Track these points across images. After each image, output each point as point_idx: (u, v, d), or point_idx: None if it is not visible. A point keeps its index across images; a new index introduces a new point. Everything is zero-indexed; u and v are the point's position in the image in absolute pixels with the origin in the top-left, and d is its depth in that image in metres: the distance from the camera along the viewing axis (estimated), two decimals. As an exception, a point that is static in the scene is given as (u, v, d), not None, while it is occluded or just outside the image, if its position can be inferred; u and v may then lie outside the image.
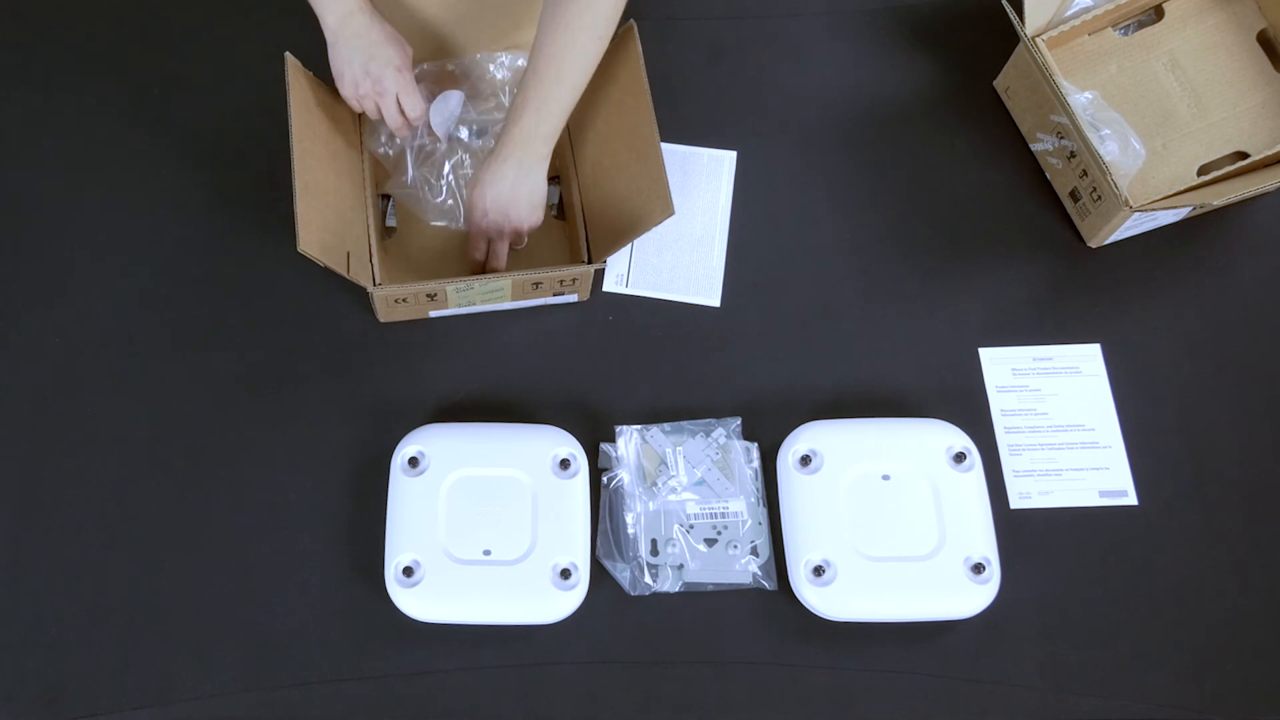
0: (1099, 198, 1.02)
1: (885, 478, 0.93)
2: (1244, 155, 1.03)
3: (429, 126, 1.02)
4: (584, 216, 1.03)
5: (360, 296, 1.01)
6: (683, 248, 1.06)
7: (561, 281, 0.97)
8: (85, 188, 1.05)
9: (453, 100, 1.03)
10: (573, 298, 1.01)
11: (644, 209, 0.93)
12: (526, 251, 1.03)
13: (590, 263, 0.99)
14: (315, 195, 0.91)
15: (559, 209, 1.05)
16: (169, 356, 0.99)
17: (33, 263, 1.02)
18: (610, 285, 1.04)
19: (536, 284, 0.97)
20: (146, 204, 1.05)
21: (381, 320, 1.00)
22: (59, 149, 1.06)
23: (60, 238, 1.03)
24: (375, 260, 0.98)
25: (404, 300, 0.96)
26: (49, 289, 1.01)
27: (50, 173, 1.06)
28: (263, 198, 1.03)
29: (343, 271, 0.90)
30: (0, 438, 0.96)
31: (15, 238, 1.03)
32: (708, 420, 0.97)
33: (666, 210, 0.90)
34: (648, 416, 0.97)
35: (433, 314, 1.00)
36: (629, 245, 1.04)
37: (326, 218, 0.92)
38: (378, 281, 0.97)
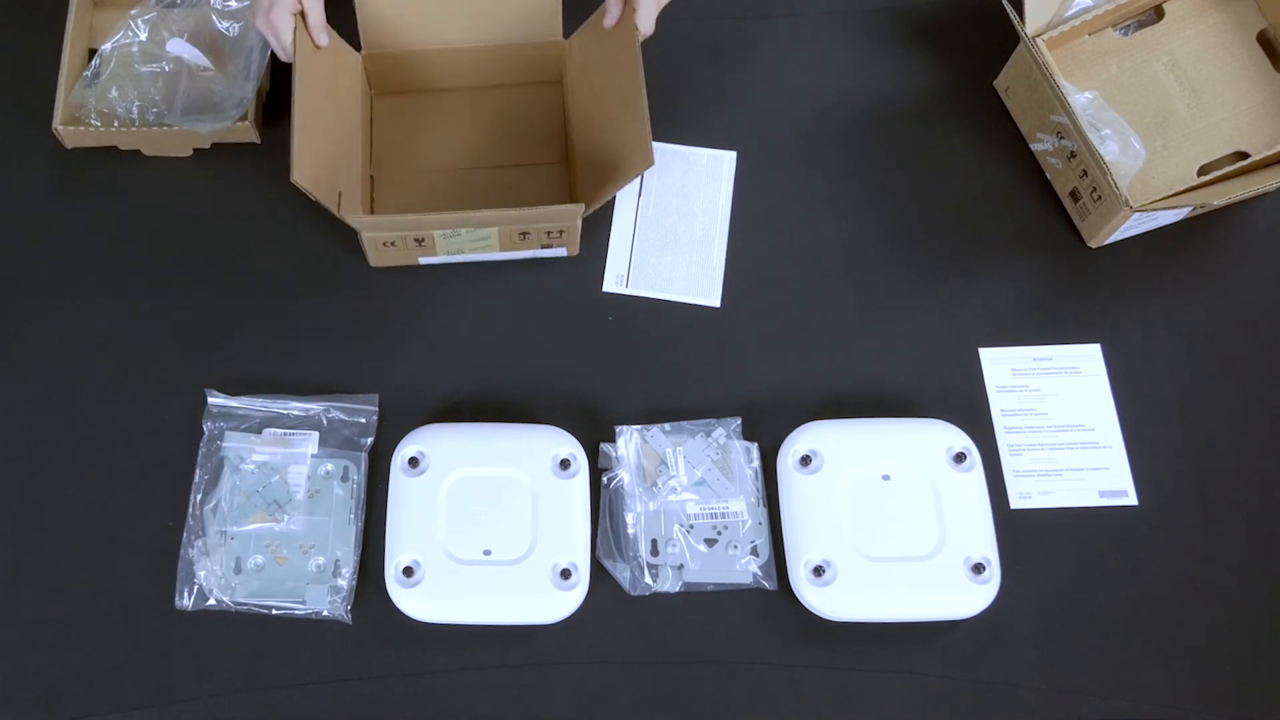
0: (1099, 198, 1.02)
1: (885, 478, 0.93)
2: (1244, 155, 1.03)
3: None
4: (575, 170, 1.04)
5: (361, 298, 1.01)
6: (683, 248, 1.06)
7: (549, 233, 0.98)
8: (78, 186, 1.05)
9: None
10: (561, 251, 1.02)
11: (628, 160, 0.94)
12: (522, 206, 1.03)
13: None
14: (313, 134, 0.92)
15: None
16: (169, 356, 0.99)
17: (29, 256, 1.02)
18: (610, 285, 1.04)
19: (524, 234, 0.98)
20: (141, 201, 1.05)
21: (372, 264, 1.01)
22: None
23: (56, 232, 1.03)
24: (371, 206, 0.98)
25: (393, 244, 0.97)
26: (48, 287, 1.01)
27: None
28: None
29: (334, 209, 0.90)
30: (0, 437, 0.96)
31: (12, 235, 1.03)
32: (708, 420, 0.97)
33: (647, 160, 0.91)
34: (648, 416, 0.97)
35: (422, 260, 1.01)
36: (631, 242, 1.05)
37: (320, 156, 0.93)
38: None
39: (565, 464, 0.92)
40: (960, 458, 0.93)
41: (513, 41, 1.05)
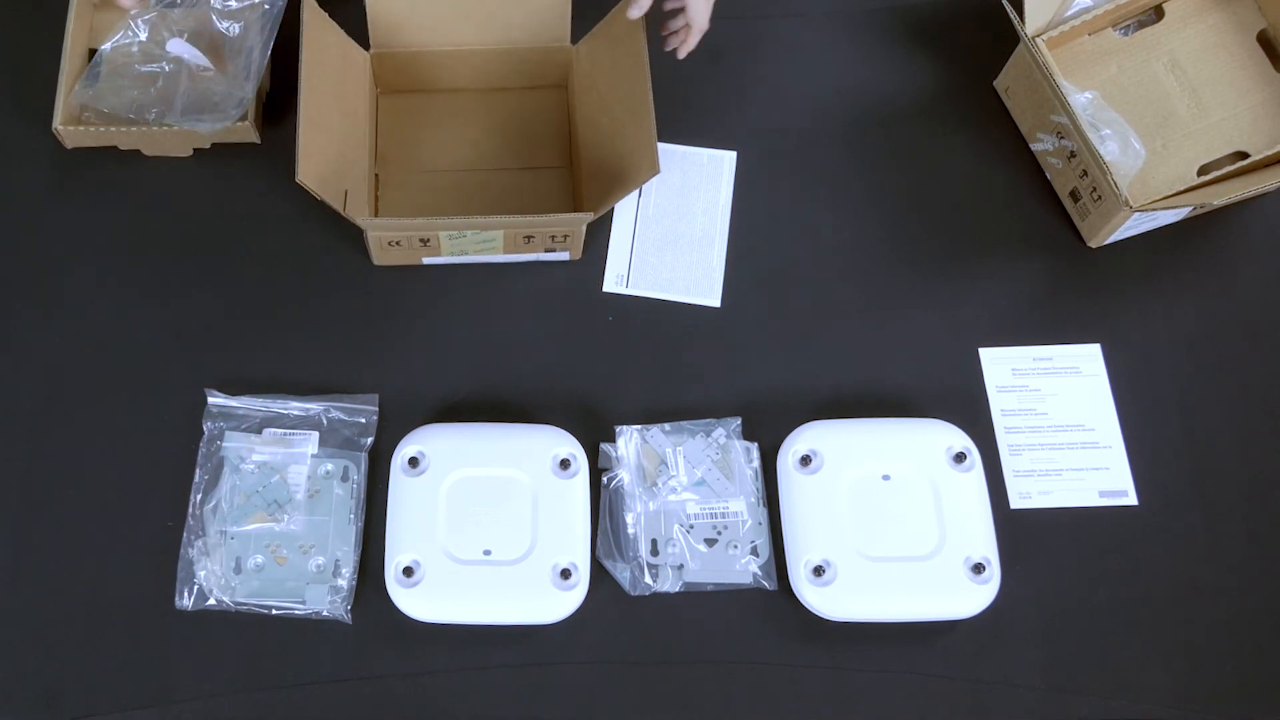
0: (1099, 198, 1.02)
1: (885, 478, 0.93)
2: (1244, 155, 1.03)
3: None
4: (581, 175, 1.04)
5: (360, 298, 1.01)
6: (683, 248, 1.06)
7: (553, 237, 0.98)
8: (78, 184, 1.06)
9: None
10: (564, 255, 1.02)
11: (634, 167, 0.94)
12: (526, 209, 1.03)
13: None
14: (319, 132, 0.92)
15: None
16: (169, 356, 0.99)
17: (29, 256, 1.02)
18: (610, 285, 1.04)
19: (528, 237, 0.98)
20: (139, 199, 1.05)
21: (376, 263, 1.01)
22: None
23: (56, 232, 1.03)
24: (375, 205, 0.98)
25: (397, 243, 0.97)
26: (48, 287, 1.01)
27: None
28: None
29: (340, 208, 0.90)
30: (0, 437, 0.96)
31: (12, 235, 1.03)
32: (708, 420, 0.97)
33: (653, 168, 0.91)
34: (648, 416, 0.97)
35: (425, 260, 1.01)
36: (631, 242, 1.05)
37: (326, 155, 0.93)
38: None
39: (565, 464, 0.92)
40: (960, 458, 0.93)
41: (521, 45, 1.06)
